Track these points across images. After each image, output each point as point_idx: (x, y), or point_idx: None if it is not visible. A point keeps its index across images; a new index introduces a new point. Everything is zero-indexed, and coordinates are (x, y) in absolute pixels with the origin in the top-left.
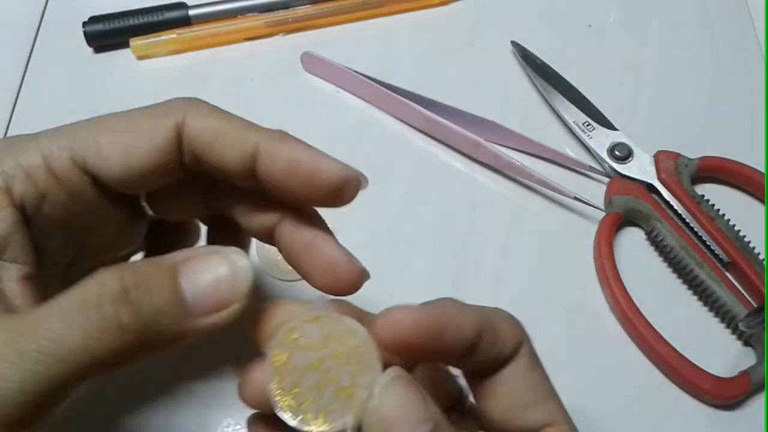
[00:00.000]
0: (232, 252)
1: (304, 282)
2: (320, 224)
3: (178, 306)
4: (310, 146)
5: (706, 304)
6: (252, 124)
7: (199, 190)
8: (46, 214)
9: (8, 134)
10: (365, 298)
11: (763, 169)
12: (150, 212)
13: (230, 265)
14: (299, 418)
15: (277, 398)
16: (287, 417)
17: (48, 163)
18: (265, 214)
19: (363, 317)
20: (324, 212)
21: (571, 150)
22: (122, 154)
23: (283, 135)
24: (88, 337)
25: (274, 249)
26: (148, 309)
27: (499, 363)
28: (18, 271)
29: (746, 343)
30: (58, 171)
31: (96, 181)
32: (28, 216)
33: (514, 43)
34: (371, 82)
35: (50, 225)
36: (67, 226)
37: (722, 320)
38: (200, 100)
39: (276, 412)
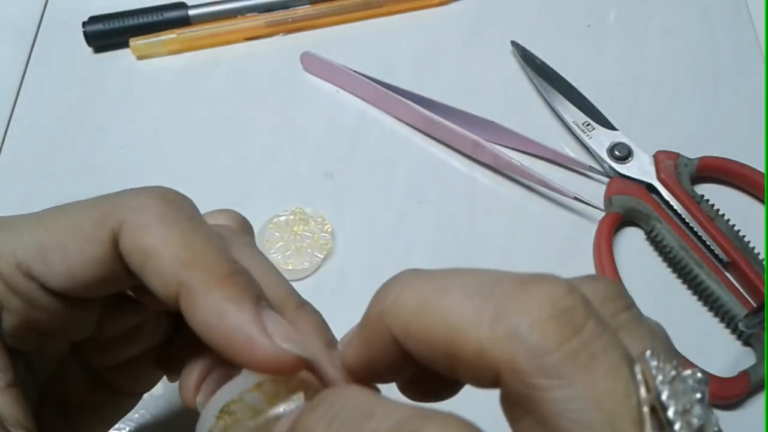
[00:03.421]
0: None
1: (304, 282)
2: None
3: None
4: (240, 295)
5: (705, 304)
6: (192, 250)
7: None
8: (9, 322)
9: (8, 134)
10: (365, 300)
11: (763, 169)
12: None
13: None
14: None
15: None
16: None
17: None
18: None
19: None
20: (324, 210)
21: (570, 150)
22: (64, 263)
23: (211, 280)
24: None
25: (273, 248)
26: None
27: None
28: (0, 380)
29: (746, 343)
30: (6, 278)
31: (45, 287)
32: None
33: (513, 43)
34: (371, 82)
35: (19, 332)
36: (39, 331)
37: (722, 320)
38: (152, 194)
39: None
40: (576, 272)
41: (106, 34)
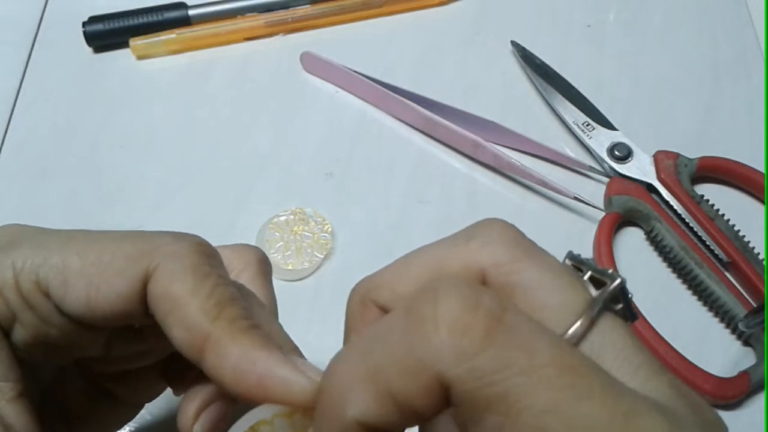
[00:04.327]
0: None
1: (304, 282)
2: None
3: None
4: (266, 343)
5: (705, 304)
6: (219, 306)
7: None
8: (22, 335)
9: (8, 135)
10: None
11: (763, 169)
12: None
13: None
14: None
15: None
16: None
17: (17, 281)
18: None
19: None
20: (324, 210)
21: (570, 150)
22: (85, 292)
23: (236, 331)
24: None
25: (273, 248)
26: None
27: None
28: (11, 390)
29: (746, 343)
30: (24, 293)
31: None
32: (5, 332)
33: (513, 43)
34: (371, 82)
35: (30, 345)
36: (49, 346)
37: (722, 320)
38: (190, 244)
39: None
40: None
41: (106, 34)
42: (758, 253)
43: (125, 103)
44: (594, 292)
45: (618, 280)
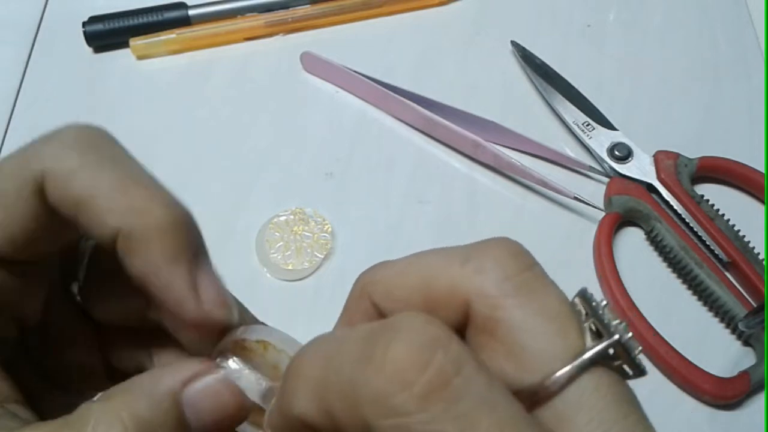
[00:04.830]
0: (235, 370)
1: (304, 282)
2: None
3: None
4: (175, 260)
5: (705, 304)
6: (128, 195)
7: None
8: None
9: (8, 135)
10: None
11: (763, 169)
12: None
13: (235, 394)
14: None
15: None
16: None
17: None
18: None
19: None
20: (324, 210)
21: (570, 150)
22: None
23: (149, 231)
24: None
25: (273, 248)
26: None
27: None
28: None
29: (746, 343)
30: None
31: None
32: None
33: (513, 43)
34: (371, 82)
35: None
36: None
37: (722, 320)
38: (69, 138)
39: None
40: (576, 272)
41: (106, 34)
42: (758, 253)
43: (125, 103)
44: (590, 342)
45: (615, 338)
